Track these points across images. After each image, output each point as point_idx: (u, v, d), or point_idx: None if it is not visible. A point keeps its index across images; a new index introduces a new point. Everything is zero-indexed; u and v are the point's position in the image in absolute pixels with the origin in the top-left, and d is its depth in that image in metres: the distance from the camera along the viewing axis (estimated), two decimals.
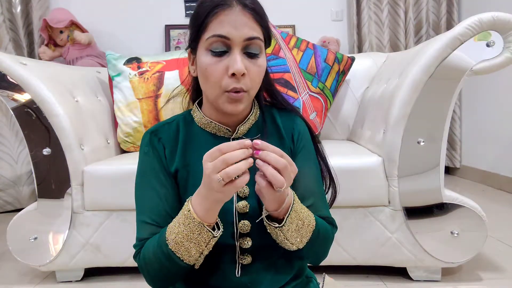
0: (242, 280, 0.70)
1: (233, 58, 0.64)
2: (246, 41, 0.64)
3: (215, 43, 0.64)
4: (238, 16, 0.64)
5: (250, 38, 0.64)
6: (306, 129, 0.78)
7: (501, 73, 1.40)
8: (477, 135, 2.82)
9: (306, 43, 1.84)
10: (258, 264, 0.70)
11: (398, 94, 1.24)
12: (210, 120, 0.73)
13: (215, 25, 0.64)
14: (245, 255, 0.70)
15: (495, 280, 1.32)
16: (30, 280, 1.46)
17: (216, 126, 0.73)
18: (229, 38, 0.63)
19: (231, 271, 0.70)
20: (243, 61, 0.64)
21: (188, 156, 0.72)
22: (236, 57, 0.64)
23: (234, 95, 0.65)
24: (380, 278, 1.35)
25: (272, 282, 0.71)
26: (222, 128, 0.73)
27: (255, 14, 0.65)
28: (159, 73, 1.72)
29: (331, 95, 1.84)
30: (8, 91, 1.31)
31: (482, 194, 2.47)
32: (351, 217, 1.30)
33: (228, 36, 0.63)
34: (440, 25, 2.89)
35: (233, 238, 0.69)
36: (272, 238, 0.67)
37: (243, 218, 0.69)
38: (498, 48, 1.17)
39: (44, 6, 2.66)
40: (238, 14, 0.64)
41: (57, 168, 1.34)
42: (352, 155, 1.38)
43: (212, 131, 0.73)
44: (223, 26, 0.63)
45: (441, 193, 1.25)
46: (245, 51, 0.65)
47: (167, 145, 0.73)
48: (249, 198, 0.70)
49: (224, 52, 0.64)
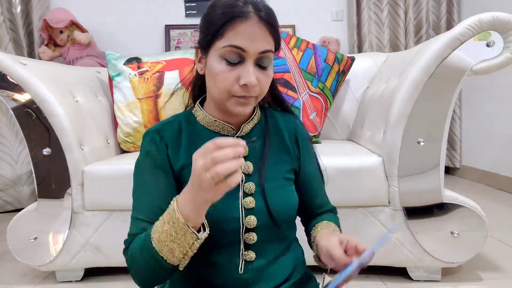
0: (244, 276, 0.70)
1: (247, 70, 0.66)
2: (260, 54, 0.66)
3: (230, 53, 0.66)
4: (255, 28, 0.65)
5: (264, 52, 0.66)
6: (306, 131, 0.83)
7: (501, 73, 1.40)
8: (477, 135, 2.82)
9: (306, 43, 1.84)
10: (261, 261, 0.71)
11: (398, 94, 1.24)
12: (214, 119, 0.74)
13: (232, 35, 0.65)
14: (249, 251, 0.71)
15: (495, 280, 1.32)
16: (30, 280, 1.46)
17: (220, 124, 0.74)
18: (245, 50, 0.65)
19: (234, 267, 0.70)
20: (255, 73, 0.66)
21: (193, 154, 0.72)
22: (250, 69, 0.66)
23: (243, 100, 0.68)
24: (380, 278, 1.35)
25: (273, 279, 0.72)
26: (226, 126, 0.74)
27: (270, 27, 0.67)
28: (159, 73, 1.72)
29: (331, 95, 1.84)
30: (8, 91, 1.31)
31: (482, 194, 2.47)
32: (351, 217, 1.30)
33: (244, 48, 0.65)
34: (440, 25, 2.88)
35: (238, 235, 0.70)
36: (276, 234, 0.71)
37: (249, 214, 0.70)
38: (498, 48, 1.17)
39: (44, 6, 2.66)
40: (254, 26, 0.65)
41: (57, 168, 1.33)
42: (352, 155, 1.38)
43: (216, 129, 0.74)
44: (240, 38, 0.65)
45: (441, 193, 1.25)
46: (257, 62, 0.67)
47: (170, 144, 0.73)
48: (255, 194, 0.71)
49: (238, 62, 0.66)
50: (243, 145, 0.55)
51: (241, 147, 0.54)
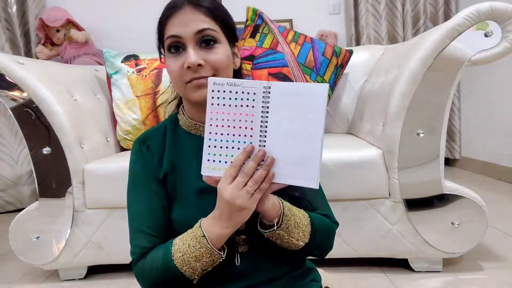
0: (241, 268, 0.70)
1: (187, 53, 0.67)
2: (197, 34, 0.68)
3: (170, 45, 0.69)
4: (188, 15, 0.68)
5: (200, 31, 0.68)
6: None
7: (499, 63, 1.40)
8: (476, 126, 2.82)
9: (304, 37, 1.84)
10: (255, 252, 0.71)
11: (397, 86, 1.24)
12: (194, 122, 0.75)
13: (169, 28, 0.69)
14: (244, 246, 0.70)
15: (496, 269, 1.33)
16: (34, 279, 1.46)
17: (200, 127, 0.74)
18: (180, 36, 0.68)
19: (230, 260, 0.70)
20: (199, 53, 0.67)
21: (175, 160, 0.73)
22: (189, 51, 0.67)
23: (196, 81, 0.68)
24: (382, 270, 1.36)
25: (272, 270, 0.72)
26: None
27: (206, 10, 0.69)
28: (157, 70, 1.72)
29: (330, 88, 1.83)
30: (7, 91, 1.31)
31: (482, 184, 2.48)
32: (352, 210, 1.30)
33: (178, 35, 0.68)
34: (438, 16, 2.87)
35: None
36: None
37: None
38: (496, 38, 1.16)
39: (40, 5, 2.65)
40: (187, 13, 0.68)
41: (58, 167, 1.34)
42: (352, 148, 1.38)
43: (197, 133, 0.75)
44: (174, 27, 0.68)
45: (441, 184, 1.25)
46: (200, 44, 0.68)
47: (156, 152, 0.74)
48: None
49: (180, 50, 0.69)
50: (262, 150, 0.57)
51: (260, 151, 0.57)
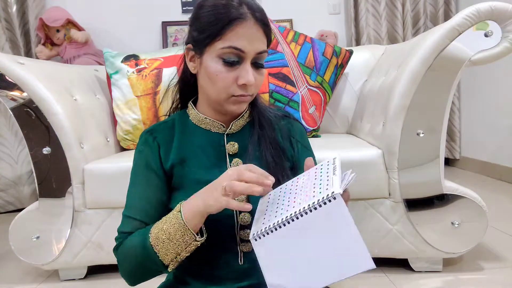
0: (244, 267, 0.72)
1: (245, 70, 0.68)
2: (257, 55, 0.69)
3: (228, 54, 0.68)
4: (252, 30, 0.68)
5: (261, 52, 0.70)
6: (301, 128, 0.84)
7: (499, 63, 1.40)
8: (476, 126, 2.82)
9: (304, 37, 1.84)
10: None
11: (397, 86, 1.24)
12: (205, 117, 0.77)
13: (231, 37, 0.67)
14: (247, 244, 0.72)
15: (496, 269, 1.33)
16: (34, 279, 1.46)
17: (210, 121, 0.77)
18: (244, 51, 0.67)
19: (233, 259, 0.72)
20: (252, 73, 0.69)
21: (183, 152, 0.75)
22: (248, 69, 0.68)
23: (242, 98, 0.70)
24: (382, 270, 1.36)
25: None
26: (216, 123, 0.76)
27: (264, 27, 0.70)
28: (157, 70, 1.72)
29: (330, 88, 1.83)
30: (7, 91, 1.31)
31: (482, 184, 2.48)
32: (352, 210, 1.29)
33: (243, 50, 0.67)
34: (438, 16, 2.87)
35: (233, 231, 0.72)
36: None
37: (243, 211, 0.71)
38: (496, 38, 1.16)
39: (40, 5, 2.65)
40: (252, 27, 0.68)
41: (58, 167, 1.34)
42: (352, 148, 1.38)
43: (207, 127, 0.77)
44: (239, 39, 0.67)
45: (441, 184, 1.25)
46: (253, 62, 0.70)
47: (162, 144, 0.76)
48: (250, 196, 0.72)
49: (236, 62, 0.68)
50: (271, 179, 0.60)
51: (268, 179, 0.60)
